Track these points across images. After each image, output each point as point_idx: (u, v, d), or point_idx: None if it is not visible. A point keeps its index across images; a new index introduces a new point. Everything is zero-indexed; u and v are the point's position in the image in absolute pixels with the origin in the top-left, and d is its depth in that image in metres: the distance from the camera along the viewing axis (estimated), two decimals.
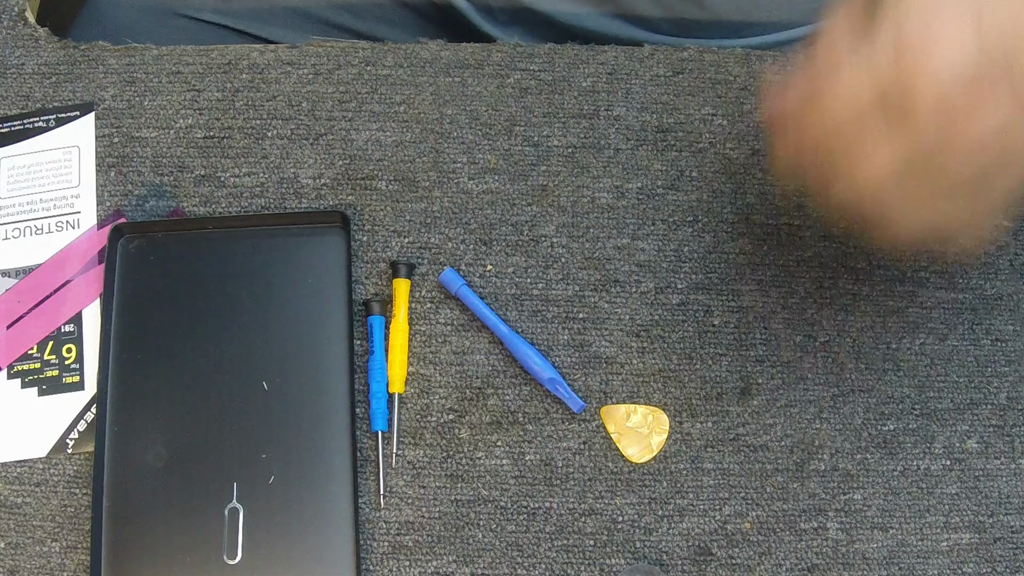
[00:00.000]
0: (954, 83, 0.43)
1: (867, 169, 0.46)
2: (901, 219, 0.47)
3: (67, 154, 0.63)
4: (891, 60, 0.44)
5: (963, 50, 0.43)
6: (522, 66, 0.64)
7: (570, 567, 0.55)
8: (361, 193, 0.62)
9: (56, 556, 0.55)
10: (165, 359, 0.57)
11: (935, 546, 0.55)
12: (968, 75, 0.43)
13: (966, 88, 0.43)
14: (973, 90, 0.43)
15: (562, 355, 0.58)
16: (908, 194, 0.46)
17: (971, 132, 0.44)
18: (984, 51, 0.43)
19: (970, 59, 0.43)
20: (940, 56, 0.43)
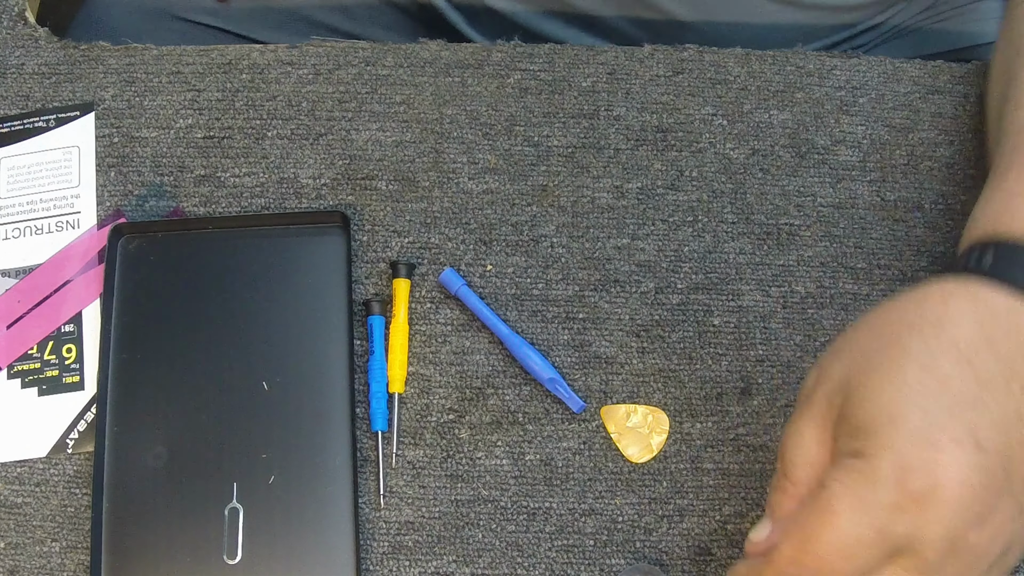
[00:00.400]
0: (962, 517, 0.41)
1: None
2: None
3: (67, 154, 0.63)
4: (896, 501, 0.41)
5: (969, 476, 0.41)
6: (522, 66, 0.64)
7: (570, 567, 0.55)
8: (361, 193, 0.62)
9: (56, 556, 0.55)
10: (165, 359, 0.57)
11: None
12: (974, 502, 0.41)
13: (973, 517, 0.41)
14: (979, 516, 0.41)
15: (562, 355, 0.58)
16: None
17: (979, 556, 0.42)
18: (987, 470, 0.41)
19: (976, 484, 0.41)
20: (948, 492, 0.41)
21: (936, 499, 0.41)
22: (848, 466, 0.42)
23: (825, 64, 0.65)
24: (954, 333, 0.43)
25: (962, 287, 0.45)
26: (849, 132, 0.63)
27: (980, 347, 0.43)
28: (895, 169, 0.62)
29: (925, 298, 0.45)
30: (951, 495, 0.41)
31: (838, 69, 0.64)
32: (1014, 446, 0.43)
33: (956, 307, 0.44)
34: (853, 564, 0.41)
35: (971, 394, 0.42)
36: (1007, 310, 0.45)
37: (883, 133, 0.63)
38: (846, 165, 0.62)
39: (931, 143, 0.63)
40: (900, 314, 0.45)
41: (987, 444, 0.42)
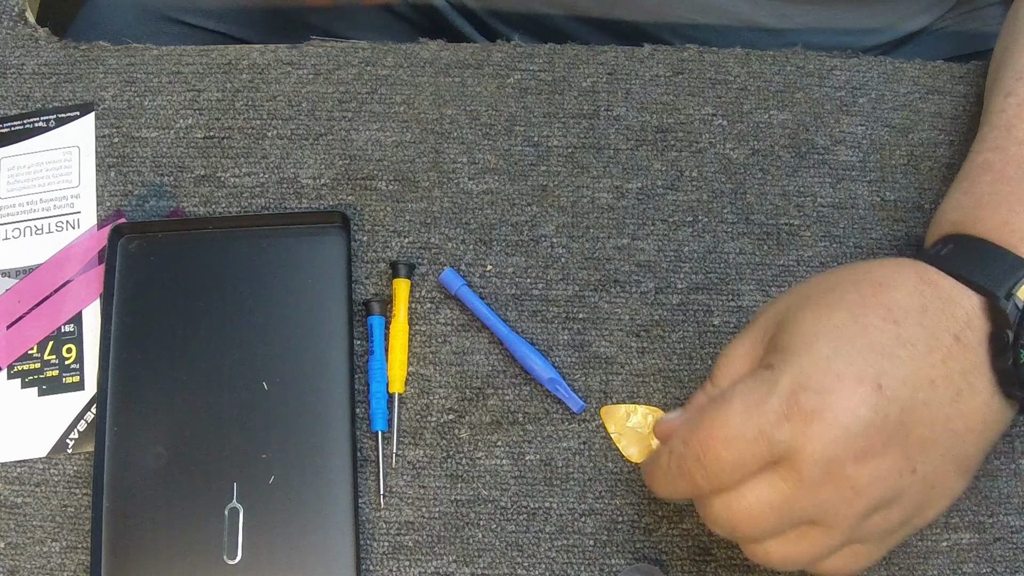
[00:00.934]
0: (844, 443, 0.43)
1: (738, 510, 0.45)
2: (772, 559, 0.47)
3: (67, 154, 0.63)
4: (785, 411, 0.44)
5: (860, 410, 0.43)
6: (522, 66, 0.64)
7: (570, 567, 0.55)
8: (361, 193, 0.62)
9: (56, 556, 0.55)
10: (165, 359, 0.57)
11: (935, 546, 0.55)
12: (859, 435, 0.43)
13: (855, 448, 0.43)
14: (862, 451, 0.44)
15: (562, 355, 0.58)
16: (782, 542, 0.46)
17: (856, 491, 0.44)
18: (881, 412, 0.44)
19: (865, 420, 0.43)
20: (835, 416, 0.43)
21: (820, 418, 0.43)
22: (756, 374, 0.46)
23: (825, 64, 0.65)
24: (891, 295, 0.46)
25: (914, 264, 0.48)
26: (849, 132, 0.63)
27: (911, 312, 0.46)
28: (895, 169, 0.62)
29: (878, 266, 0.48)
30: (835, 419, 0.43)
31: (838, 69, 0.64)
32: (918, 406, 0.45)
33: (901, 275, 0.47)
34: (732, 455, 0.44)
35: (888, 347, 0.45)
36: (948, 292, 0.47)
37: (883, 133, 0.63)
38: (846, 165, 0.62)
39: (931, 143, 0.63)
40: (850, 272, 0.48)
41: (888, 391, 0.44)
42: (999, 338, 0.46)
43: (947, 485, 0.47)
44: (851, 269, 0.49)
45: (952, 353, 0.46)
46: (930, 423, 0.45)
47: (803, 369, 0.44)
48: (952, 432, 0.46)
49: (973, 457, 0.48)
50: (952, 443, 0.46)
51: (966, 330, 0.46)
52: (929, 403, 0.45)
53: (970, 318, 0.47)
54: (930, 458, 0.46)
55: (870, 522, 0.46)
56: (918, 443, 0.45)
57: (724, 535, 0.47)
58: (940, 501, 0.47)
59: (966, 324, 0.46)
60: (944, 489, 0.47)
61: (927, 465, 0.46)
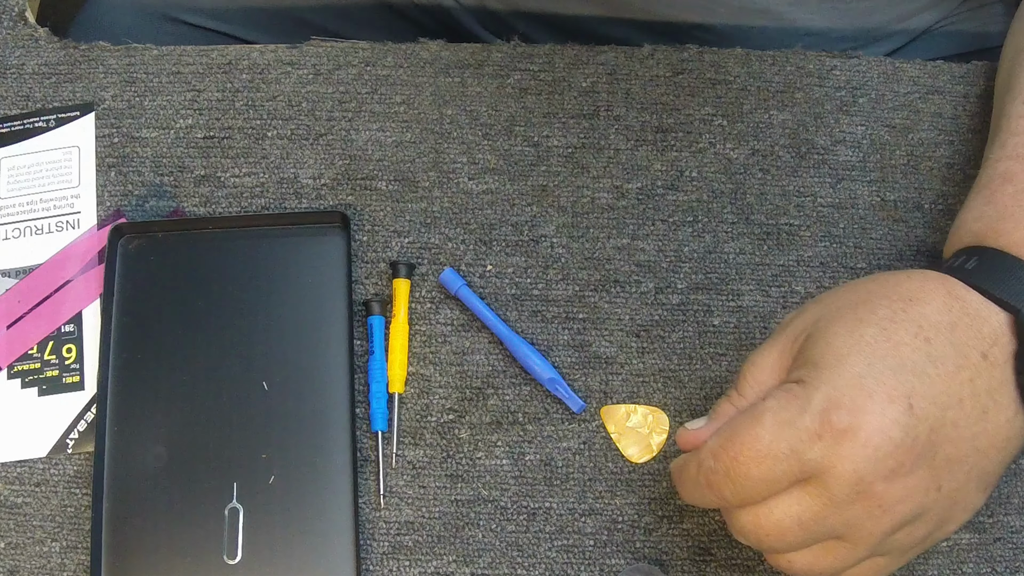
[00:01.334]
0: (875, 463, 0.43)
1: (766, 524, 0.45)
2: (795, 568, 0.47)
3: (67, 154, 0.63)
4: (817, 430, 0.44)
5: (892, 431, 0.43)
6: (522, 66, 0.64)
7: (570, 567, 0.55)
8: (361, 193, 0.62)
9: (56, 556, 0.55)
10: (165, 359, 0.57)
11: (935, 546, 0.55)
12: (890, 455, 0.43)
13: (885, 468, 0.44)
14: (892, 470, 0.44)
15: (562, 355, 0.58)
16: (807, 554, 0.46)
17: (884, 509, 0.44)
18: (911, 433, 0.44)
19: (896, 440, 0.44)
20: (867, 436, 0.43)
21: (852, 438, 0.43)
22: (787, 389, 0.45)
23: (825, 64, 0.65)
24: (921, 311, 0.46)
25: (941, 278, 0.48)
26: (849, 132, 0.63)
27: (941, 330, 0.46)
28: (895, 169, 0.62)
29: (906, 278, 0.48)
30: (867, 439, 0.43)
31: (838, 69, 0.64)
32: (947, 425, 0.45)
33: (930, 291, 0.47)
34: (762, 472, 0.44)
35: (919, 365, 0.45)
36: (976, 308, 0.47)
37: (883, 133, 0.63)
38: (846, 165, 0.62)
39: (931, 143, 0.63)
40: (879, 284, 0.48)
41: (919, 411, 0.44)
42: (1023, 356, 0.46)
43: (969, 500, 0.47)
44: (880, 281, 0.48)
45: (979, 371, 0.46)
46: (957, 441, 0.45)
47: (836, 387, 0.44)
48: (977, 450, 0.46)
49: (994, 473, 0.48)
50: (976, 460, 0.46)
51: (993, 348, 0.46)
52: (957, 422, 0.45)
53: (997, 335, 0.46)
54: (955, 476, 0.46)
55: (895, 537, 0.46)
56: (945, 461, 0.45)
57: (750, 545, 0.47)
58: (961, 516, 0.48)
59: (993, 342, 0.46)
60: (965, 504, 0.47)
61: (952, 482, 0.46)
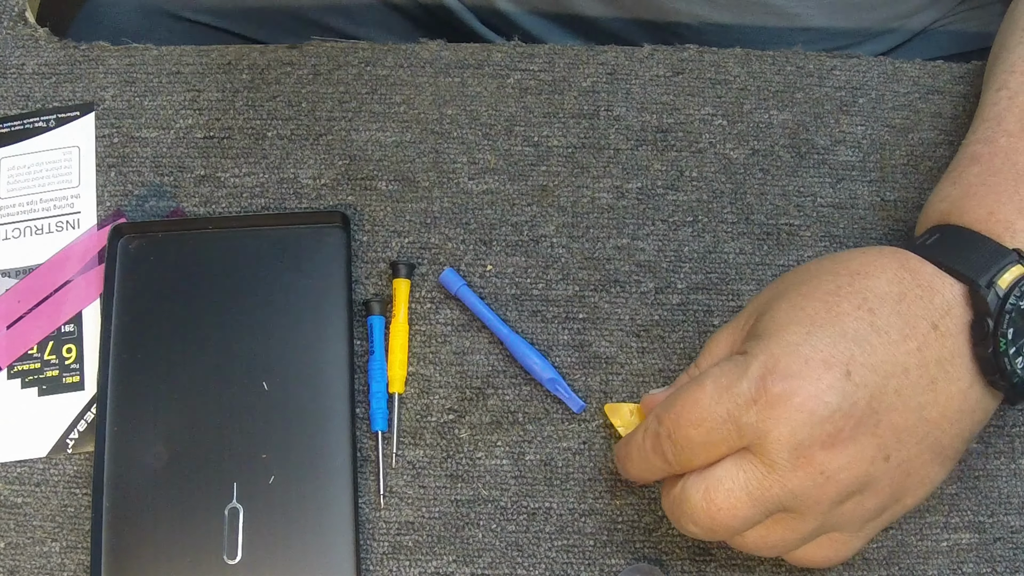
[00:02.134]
0: (810, 428, 0.44)
1: (716, 498, 0.46)
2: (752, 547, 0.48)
3: (67, 154, 0.63)
4: (753, 394, 0.45)
5: (826, 395, 0.44)
6: (522, 66, 0.64)
7: (570, 567, 0.55)
8: (361, 193, 0.62)
9: (56, 556, 0.55)
10: (165, 359, 0.57)
11: (935, 546, 0.55)
12: (826, 420, 0.44)
13: (822, 433, 0.44)
14: (830, 436, 0.44)
15: (562, 355, 0.58)
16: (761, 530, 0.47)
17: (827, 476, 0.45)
18: (849, 398, 0.44)
19: (832, 405, 0.44)
20: (801, 400, 0.44)
21: (787, 403, 0.44)
22: (730, 359, 0.47)
23: (825, 64, 0.65)
24: (867, 283, 0.47)
25: (896, 252, 0.48)
26: (849, 132, 0.63)
27: (887, 300, 0.46)
28: (895, 169, 0.62)
29: (860, 253, 0.49)
30: (801, 403, 0.44)
31: (838, 69, 0.64)
32: (889, 393, 0.45)
33: (880, 264, 0.48)
34: (701, 434, 0.45)
35: (860, 334, 0.45)
36: (928, 279, 0.47)
37: (883, 133, 0.63)
38: (846, 165, 0.62)
39: (931, 143, 0.63)
40: (831, 261, 0.49)
41: (858, 377, 0.45)
42: (979, 326, 0.47)
43: (925, 473, 0.47)
44: (832, 258, 0.49)
45: (928, 341, 0.46)
46: (902, 410, 0.45)
47: (772, 354, 0.45)
48: (927, 420, 0.46)
49: (951, 446, 0.48)
50: (927, 431, 0.46)
51: (945, 318, 0.47)
52: (901, 391, 0.45)
53: (950, 306, 0.47)
54: (904, 445, 0.46)
55: (844, 508, 0.46)
56: (891, 430, 0.45)
57: (701, 532, 0.47)
58: (918, 489, 0.48)
59: (945, 312, 0.47)
60: (922, 477, 0.47)
61: (901, 452, 0.46)
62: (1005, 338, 0.46)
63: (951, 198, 0.52)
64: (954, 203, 0.51)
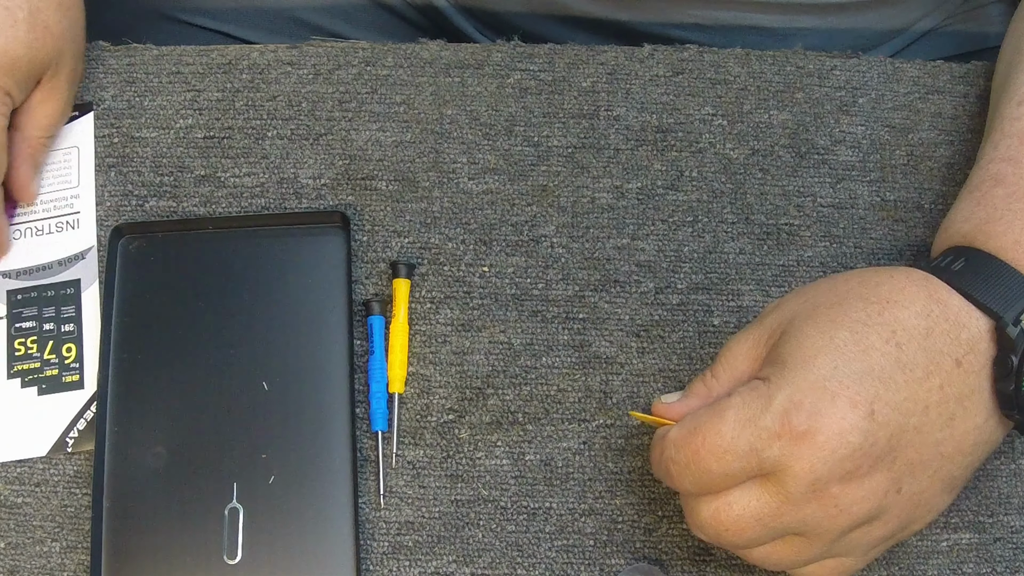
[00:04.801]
0: (831, 465, 0.44)
1: (725, 519, 0.46)
2: (753, 560, 0.48)
3: (67, 154, 0.63)
4: (777, 429, 0.44)
5: (850, 435, 0.44)
6: (522, 66, 0.64)
7: (570, 567, 0.55)
8: (361, 193, 0.62)
9: (56, 556, 0.55)
10: (165, 359, 0.57)
11: (935, 546, 0.55)
12: (847, 459, 0.44)
13: (842, 471, 0.44)
14: (848, 473, 0.44)
15: (562, 355, 0.58)
16: (765, 548, 0.48)
17: (840, 509, 0.45)
18: (870, 438, 0.44)
19: (854, 445, 0.44)
20: (825, 439, 0.44)
21: (810, 439, 0.44)
22: (752, 386, 0.46)
23: (825, 64, 0.65)
24: (896, 315, 0.46)
25: (924, 279, 0.48)
26: (849, 132, 0.63)
27: (915, 335, 0.46)
28: (895, 169, 0.62)
29: (888, 277, 0.48)
30: (825, 441, 0.44)
31: (838, 69, 0.64)
32: (909, 431, 0.45)
33: (910, 293, 0.47)
34: (721, 466, 0.45)
35: (886, 371, 0.45)
36: (956, 313, 0.47)
37: (883, 133, 0.63)
38: (846, 165, 0.62)
39: (931, 143, 0.63)
40: (860, 283, 0.48)
41: (881, 417, 0.44)
42: (1003, 363, 0.46)
43: (933, 503, 0.48)
44: (861, 280, 0.48)
45: (951, 378, 0.46)
46: (919, 446, 0.46)
47: (799, 388, 0.45)
48: (941, 455, 0.46)
49: (961, 476, 0.48)
50: (941, 464, 0.46)
51: (969, 354, 0.46)
52: (921, 428, 0.45)
53: (975, 342, 0.46)
54: (917, 479, 0.46)
55: (852, 536, 0.46)
56: (906, 465, 0.45)
57: (708, 540, 0.48)
58: (926, 516, 0.48)
59: (970, 348, 0.46)
60: (930, 506, 0.48)
61: (914, 485, 0.46)
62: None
63: (975, 220, 0.50)
64: (978, 226, 0.50)
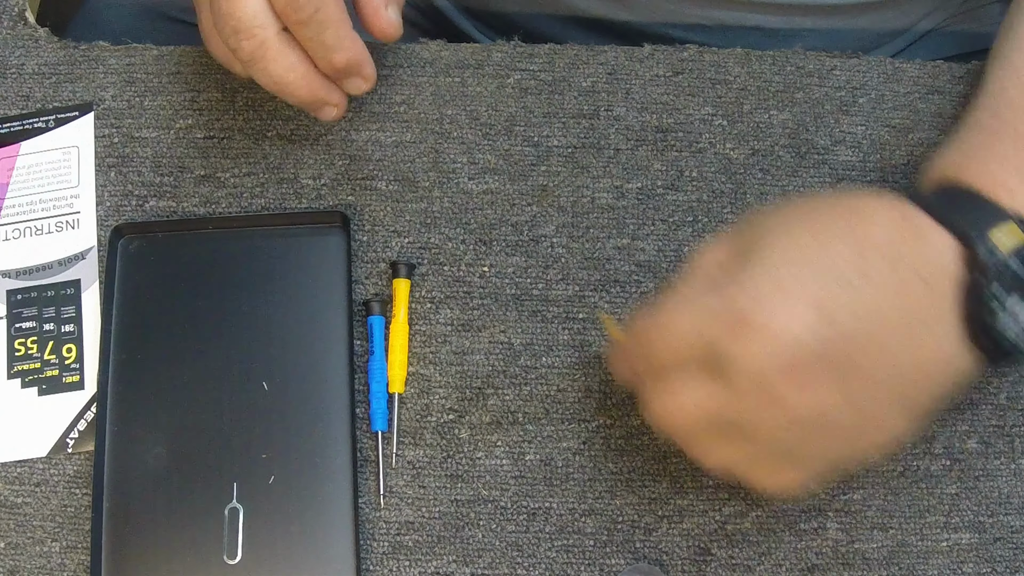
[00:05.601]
0: (773, 357, 0.44)
1: (672, 405, 0.47)
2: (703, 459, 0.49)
3: (67, 154, 0.63)
4: (724, 314, 0.45)
5: (795, 329, 0.44)
6: (522, 66, 0.64)
7: (570, 567, 0.55)
8: (361, 193, 0.62)
9: (56, 556, 0.55)
10: (165, 359, 0.57)
11: (935, 546, 0.55)
12: (789, 353, 0.44)
13: (784, 365, 0.44)
14: (791, 368, 0.44)
15: (562, 355, 0.58)
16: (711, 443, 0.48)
17: (782, 406, 0.45)
18: (819, 338, 0.44)
19: (799, 339, 0.44)
20: (768, 329, 0.44)
21: (758, 331, 0.44)
22: (712, 278, 0.47)
23: (825, 64, 0.65)
24: (866, 228, 0.46)
25: (898, 201, 0.48)
26: (849, 132, 0.63)
27: (882, 251, 0.46)
28: (895, 169, 0.62)
29: (862, 197, 0.48)
30: (773, 335, 0.44)
31: (838, 69, 0.64)
32: (861, 338, 0.45)
33: (882, 213, 0.47)
34: (667, 345, 0.46)
35: (847, 277, 0.45)
36: (926, 233, 0.47)
37: (883, 133, 0.63)
38: (846, 165, 0.62)
39: (931, 143, 0.63)
40: (836, 199, 0.49)
41: (833, 319, 0.44)
42: (972, 284, 0.46)
43: (884, 422, 0.47)
44: (842, 195, 0.49)
45: (915, 295, 0.46)
46: (876, 360, 0.45)
47: (752, 278, 0.45)
48: (899, 373, 0.46)
49: (920, 402, 0.47)
50: (897, 381, 0.46)
51: (936, 274, 0.46)
52: (875, 338, 0.45)
53: (944, 263, 0.47)
54: (870, 394, 0.46)
55: (796, 442, 0.46)
56: (857, 376, 0.45)
57: (662, 433, 0.48)
58: (875, 436, 0.48)
59: (938, 268, 0.46)
60: (881, 424, 0.47)
61: (866, 401, 0.46)
62: (997, 299, 0.46)
63: (952, 160, 0.52)
64: (955, 163, 0.51)
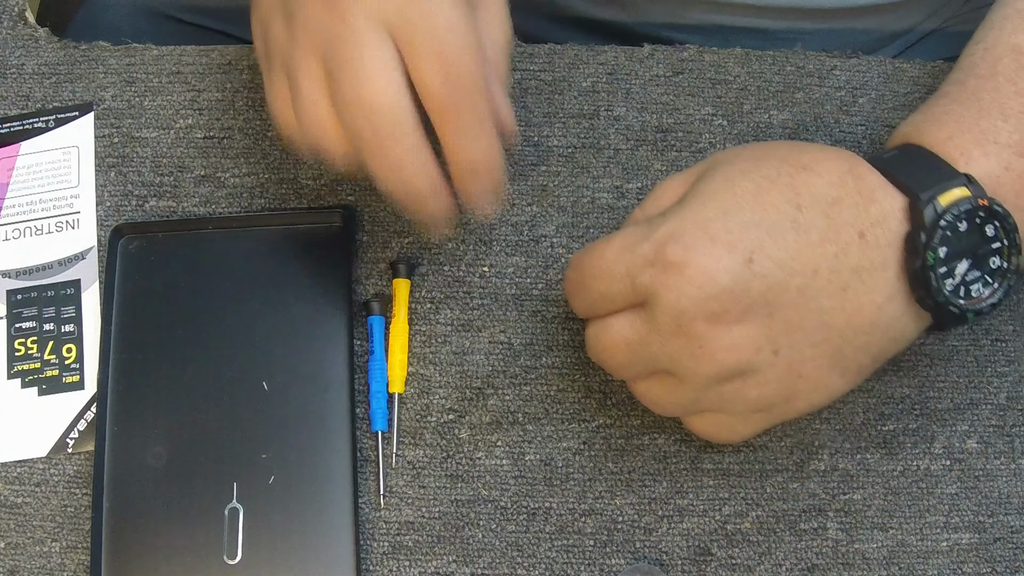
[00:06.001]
0: (696, 301, 0.45)
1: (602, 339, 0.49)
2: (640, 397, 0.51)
3: (67, 154, 0.63)
4: (651, 256, 0.46)
5: (720, 274, 0.45)
6: (522, 66, 0.64)
7: (570, 567, 0.55)
8: (361, 193, 0.62)
9: (56, 556, 0.55)
10: (165, 359, 0.57)
11: (935, 546, 0.55)
12: (713, 298, 0.45)
13: (707, 309, 0.45)
14: (714, 313, 0.45)
15: (562, 355, 0.58)
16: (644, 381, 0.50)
17: (704, 350, 0.45)
18: (742, 284, 0.45)
19: (723, 285, 0.44)
20: (692, 273, 0.45)
21: (679, 271, 0.45)
22: (648, 218, 0.48)
23: (825, 64, 0.65)
24: (808, 180, 0.47)
25: (850, 156, 0.48)
26: (849, 132, 0.63)
27: (820, 202, 0.46)
28: None
29: (815, 148, 0.49)
30: (693, 276, 0.45)
31: (838, 69, 0.64)
32: (790, 290, 0.45)
33: (829, 165, 0.48)
34: (600, 287, 0.47)
35: (778, 227, 0.45)
36: (871, 188, 0.47)
37: (883, 133, 0.63)
38: None
39: None
40: (787, 148, 0.49)
41: (758, 267, 0.45)
42: (913, 239, 0.46)
43: (820, 379, 0.47)
44: (789, 145, 0.49)
45: (849, 248, 0.46)
46: (802, 310, 0.46)
47: (682, 222, 0.46)
48: (828, 325, 0.46)
49: (854, 358, 0.48)
50: (827, 336, 0.46)
51: (875, 228, 0.47)
52: (804, 290, 0.45)
53: (885, 217, 0.47)
54: (797, 345, 0.46)
55: (724, 389, 0.47)
56: (784, 325, 0.45)
57: (599, 365, 0.51)
58: (812, 394, 0.48)
59: (878, 222, 0.47)
60: (815, 382, 0.47)
61: (793, 351, 0.46)
62: (935, 253, 0.46)
63: (914, 123, 0.52)
64: (916, 127, 0.52)
